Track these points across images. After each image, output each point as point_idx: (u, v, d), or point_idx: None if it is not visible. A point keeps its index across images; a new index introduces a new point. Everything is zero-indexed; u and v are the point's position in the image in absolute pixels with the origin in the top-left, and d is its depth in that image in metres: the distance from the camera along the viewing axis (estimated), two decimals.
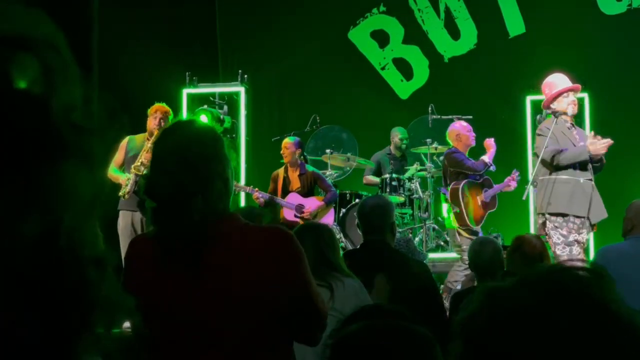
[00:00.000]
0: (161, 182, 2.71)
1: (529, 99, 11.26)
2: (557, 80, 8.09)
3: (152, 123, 8.63)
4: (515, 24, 12.42)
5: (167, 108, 8.73)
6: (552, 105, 7.94)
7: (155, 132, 7.22)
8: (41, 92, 1.08)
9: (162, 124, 8.48)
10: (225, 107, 10.95)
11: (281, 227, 2.94)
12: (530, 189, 8.09)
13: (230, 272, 2.70)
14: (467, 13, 12.54)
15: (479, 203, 9.58)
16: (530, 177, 10.64)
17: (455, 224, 9.45)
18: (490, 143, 9.61)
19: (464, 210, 9.59)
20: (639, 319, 1.16)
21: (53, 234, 1.10)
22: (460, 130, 9.66)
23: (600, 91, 11.51)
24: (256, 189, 9.99)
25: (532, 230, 10.64)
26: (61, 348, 1.11)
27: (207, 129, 2.87)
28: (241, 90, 11.40)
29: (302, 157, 10.31)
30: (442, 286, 8.83)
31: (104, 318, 1.14)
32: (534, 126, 10.90)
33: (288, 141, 10.30)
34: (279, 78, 12.84)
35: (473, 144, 9.73)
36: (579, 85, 8.05)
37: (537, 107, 10.94)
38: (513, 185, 9.55)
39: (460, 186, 9.41)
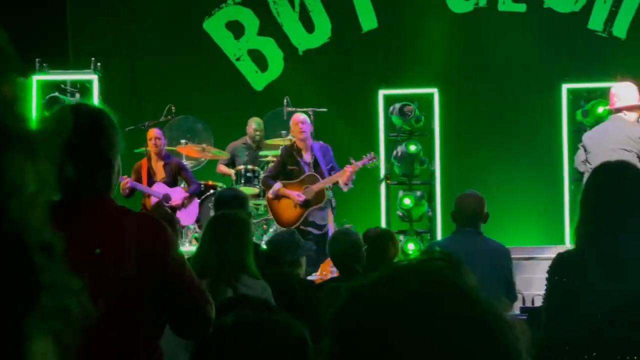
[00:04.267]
0: None
1: (381, 93, 11.48)
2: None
3: None
4: (368, 19, 12.64)
5: None
6: None
7: None
8: None
9: None
10: (77, 95, 10.72)
11: (154, 215, 2.97)
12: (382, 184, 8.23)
13: (94, 248, 2.71)
14: (322, 7, 12.67)
15: (295, 202, 9.64)
16: (382, 173, 10.90)
17: None
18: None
19: (270, 211, 9.76)
20: (497, 305, 1.22)
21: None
22: (291, 122, 9.83)
23: (450, 87, 11.84)
24: (125, 176, 9.83)
25: (382, 223, 10.90)
26: (10, 328, 1.15)
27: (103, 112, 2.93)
28: (94, 78, 11.15)
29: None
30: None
31: (51, 299, 1.18)
32: (387, 120, 11.17)
33: (158, 132, 10.24)
34: (133, 67, 12.65)
35: (301, 137, 9.77)
36: None
37: (389, 102, 11.19)
38: (349, 170, 9.50)
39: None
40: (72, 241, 2.68)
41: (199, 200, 10.57)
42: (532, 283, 9.08)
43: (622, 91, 8.71)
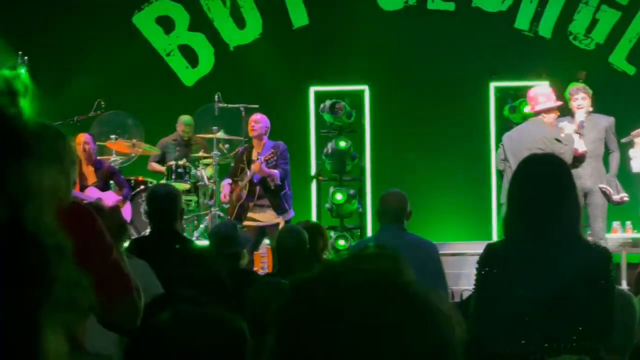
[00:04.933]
0: None
1: (312, 89, 11.54)
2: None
3: None
4: (299, 16, 12.66)
5: None
6: None
7: None
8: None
9: None
10: None
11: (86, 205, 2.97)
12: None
13: None
14: (253, 3, 12.66)
15: (235, 197, 9.73)
16: (313, 170, 10.96)
17: None
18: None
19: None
20: (434, 297, 1.27)
21: (19, 219, 1.30)
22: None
23: (380, 84, 11.94)
24: None
25: (313, 219, 10.94)
26: (27, 317, 1.29)
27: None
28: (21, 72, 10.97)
29: None
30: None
31: (63, 291, 1.33)
32: (317, 116, 11.23)
33: (87, 136, 10.14)
34: (61, 61, 12.47)
35: (251, 134, 9.85)
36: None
37: (320, 98, 11.25)
38: (255, 165, 9.56)
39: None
40: None
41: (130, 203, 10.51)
42: (461, 278, 9.21)
43: (539, 94, 8.99)
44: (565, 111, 9.19)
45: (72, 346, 1.38)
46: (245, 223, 9.60)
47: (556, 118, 8.92)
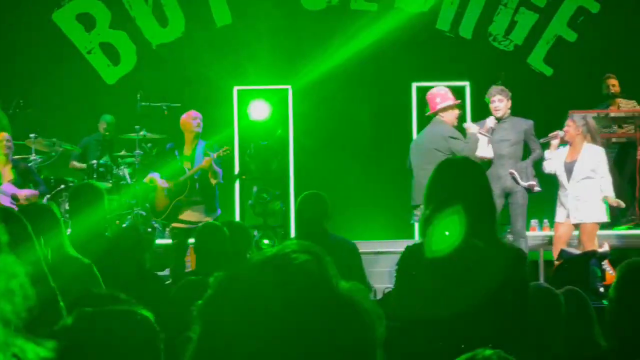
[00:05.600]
0: None
1: (235, 89, 11.52)
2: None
3: None
4: (222, 15, 12.63)
5: None
6: None
7: None
8: None
9: None
10: None
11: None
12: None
13: None
14: (175, 1, 12.58)
15: (165, 193, 9.69)
16: (237, 169, 10.95)
17: None
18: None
19: (153, 202, 9.80)
20: (355, 292, 1.30)
21: None
22: (185, 117, 9.82)
23: (304, 83, 11.98)
24: None
25: (237, 218, 10.94)
26: None
27: None
28: None
29: None
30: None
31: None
32: (240, 115, 11.22)
33: (6, 135, 9.96)
34: None
35: (197, 130, 9.74)
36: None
37: (243, 98, 11.24)
38: (205, 161, 9.52)
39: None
40: None
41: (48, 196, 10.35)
42: (383, 276, 9.30)
43: (436, 95, 9.18)
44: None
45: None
46: (175, 225, 9.54)
47: (456, 117, 9.14)
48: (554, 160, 9.38)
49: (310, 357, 1.20)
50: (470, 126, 9.25)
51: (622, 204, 9.51)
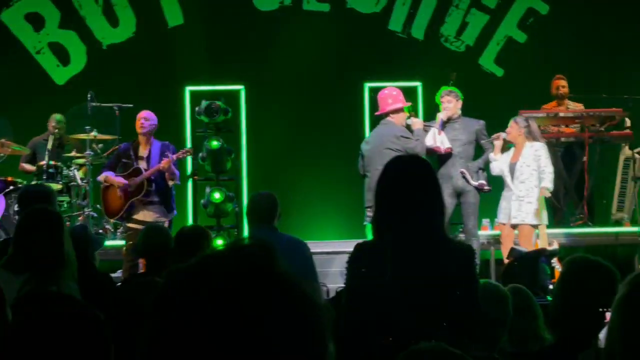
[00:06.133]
0: None
1: (188, 89, 11.49)
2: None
3: None
4: (173, 15, 12.58)
5: None
6: None
7: None
8: None
9: None
10: None
11: None
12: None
13: None
14: (126, 1, 12.51)
15: (119, 194, 9.64)
16: (190, 169, 10.91)
17: None
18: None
19: (103, 202, 9.76)
20: (304, 285, 1.30)
21: None
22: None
23: (257, 84, 11.98)
24: None
25: (190, 219, 10.91)
26: None
27: None
28: None
29: None
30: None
31: None
32: (193, 116, 11.17)
33: None
34: None
35: (139, 131, 9.73)
36: None
37: (195, 98, 11.20)
38: (163, 162, 9.49)
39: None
40: None
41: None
42: (336, 276, 9.32)
43: (387, 96, 9.25)
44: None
45: None
46: (130, 225, 9.50)
47: (405, 118, 9.24)
48: (500, 162, 9.47)
49: (262, 347, 1.21)
50: (415, 122, 9.34)
51: (542, 210, 9.48)
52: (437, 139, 9.26)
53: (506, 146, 9.60)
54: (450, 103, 9.48)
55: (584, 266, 3.45)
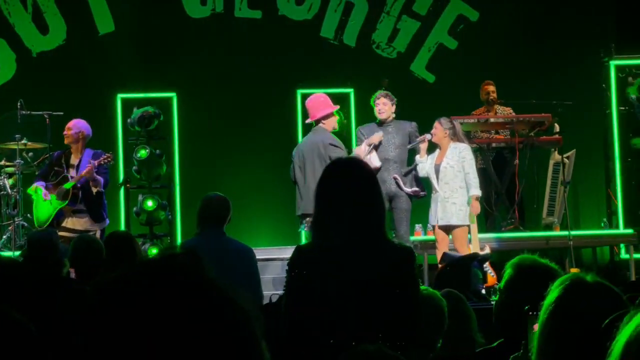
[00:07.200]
0: None
1: (119, 96, 11.39)
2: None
3: None
4: (104, 22, 12.46)
5: None
6: None
7: None
8: None
9: None
10: None
11: None
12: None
13: None
14: (56, 8, 12.36)
15: (50, 201, 9.57)
16: (122, 176, 10.82)
17: None
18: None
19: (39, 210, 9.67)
20: (232, 292, 1.30)
21: None
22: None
23: (189, 91, 11.92)
24: None
25: (122, 226, 10.80)
26: None
27: None
28: None
29: None
30: None
31: None
32: (124, 123, 11.08)
33: None
34: None
35: (65, 141, 9.75)
36: None
37: (127, 105, 11.12)
38: (86, 169, 9.45)
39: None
40: None
41: None
42: (270, 283, 9.32)
43: (315, 103, 9.31)
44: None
45: None
46: (61, 234, 9.40)
47: (337, 120, 9.35)
48: (425, 164, 9.55)
49: (189, 355, 1.22)
50: (374, 138, 9.44)
51: (477, 210, 9.58)
52: (365, 155, 9.32)
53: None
54: (385, 105, 9.57)
55: (532, 267, 3.48)
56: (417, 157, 9.61)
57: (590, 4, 12.85)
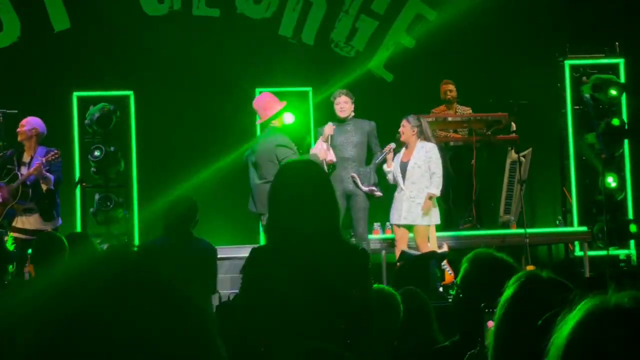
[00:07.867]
0: None
1: (76, 95, 11.30)
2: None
3: None
4: (59, 19, 12.33)
5: None
6: None
7: None
8: None
9: None
10: None
11: None
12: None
13: None
14: (10, 5, 12.21)
15: (1, 198, 9.48)
16: (77, 175, 10.72)
17: None
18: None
19: None
20: (187, 290, 1.30)
21: None
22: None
23: (147, 90, 11.84)
24: None
25: (79, 226, 10.72)
26: None
27: None
28: None
29: None
30: None
31: None
32: (81, 122, 10.99)
33: None
34: None
35: (18, 137, 9.62)
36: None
37: (83, 104, 11.03)
38: (33, 167, 9.36)
39: None
40: None
41: None
42: (226, 282, 9.30)
43: (262, 103, 9.29)
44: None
45: None
46: (13, 234, 9.29)
47: (287, 117, 9.39)
48: (393, 167, 9.57)
49: (142, 353, 1.21)
50: (326, 129, 9.47)
51: (429, 208, 9.62)
52: (326, 151, 9.34)
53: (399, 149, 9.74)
54: (346, 104, 9.60)
55: (488, 262, 3.49)
56: (385, 166, 9.61)
57: (545, 4, 12.96)
